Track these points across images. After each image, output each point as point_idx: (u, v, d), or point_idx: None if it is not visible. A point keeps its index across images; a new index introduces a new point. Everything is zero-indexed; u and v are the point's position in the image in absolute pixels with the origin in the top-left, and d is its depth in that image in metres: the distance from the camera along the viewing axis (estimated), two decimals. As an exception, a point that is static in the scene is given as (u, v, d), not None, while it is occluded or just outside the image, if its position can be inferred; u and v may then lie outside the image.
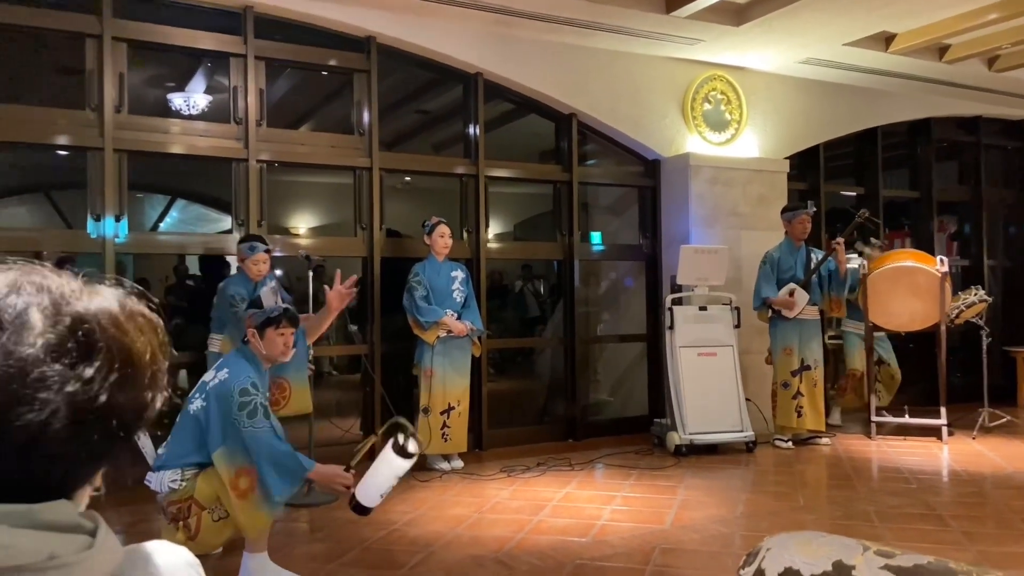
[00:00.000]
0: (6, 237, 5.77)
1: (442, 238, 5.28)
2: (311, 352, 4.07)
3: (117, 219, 4.84)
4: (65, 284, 0.68)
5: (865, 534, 3.76)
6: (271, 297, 3.61)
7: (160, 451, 3.33)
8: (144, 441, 3.37)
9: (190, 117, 6.52)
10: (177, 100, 6.71)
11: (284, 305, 3.53)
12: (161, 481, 3.25)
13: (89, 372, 0.64)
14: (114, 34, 4.84)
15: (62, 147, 5.03)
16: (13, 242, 5.80)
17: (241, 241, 4.84)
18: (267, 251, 4.74)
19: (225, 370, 3.26)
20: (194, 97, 6.69)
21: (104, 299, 0.69)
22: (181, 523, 3.22)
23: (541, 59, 6.04)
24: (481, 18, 5.59)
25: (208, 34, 5.16)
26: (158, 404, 0.71)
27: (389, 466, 2.73)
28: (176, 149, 5.13)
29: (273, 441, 3.10)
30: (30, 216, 9.16)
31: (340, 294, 3.73)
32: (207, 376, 3.35)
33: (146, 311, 0.73)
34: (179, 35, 5.10)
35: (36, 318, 0.64)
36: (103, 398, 0.64)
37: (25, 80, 6.03)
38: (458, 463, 5.32)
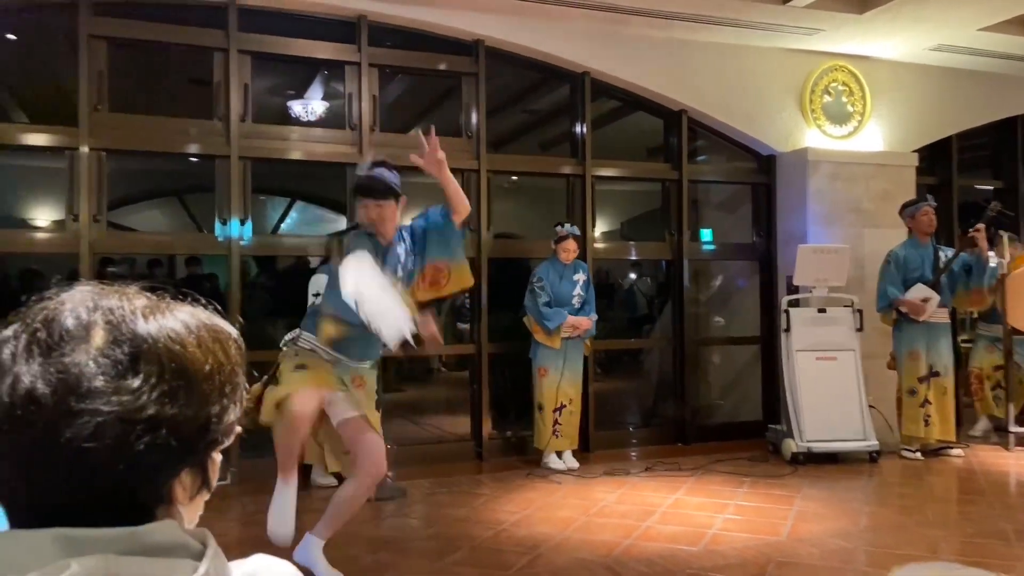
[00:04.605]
0: (143, 240, 6.19)
1: (565, 252, 5.37)
2: (464, 234, 3.72)
3: (242, 222, 5.09)
4: (136, 305, 0.71)
5: (1001, 554, 3.50)
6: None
7: None
8: None
9: (308, 124, 6.79)
10: (296, 107, 7.01)
11: (368, 174, 3.29)
12: None
13: (136, 383, 0.66)
14: (239, 47, 5.09)
15: (193, 155, 5.34)
16: (149, 244, 6.22)
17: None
18: None
19: None
20: (312, 104, 6.96)
21: (170, 318, 0.71)
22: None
23: (650, 56, 5.93)
24: (588, 16, 5.54)
25: (325, 43, 5.35)
26: (229, 417, 0.73)
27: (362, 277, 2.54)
28: (296, 155, 5.35)
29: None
30: (164, 220, 9.79)
31: (431, 159, 3.27)
32: None
33: (217, 328, 0.74)
34: (298, 46, 5.31)
35: (96, 335, 0.67)
36: (151, 410, 0.65)
37: (160, 92, 6.44)
38: (573, 463, 5.34)
